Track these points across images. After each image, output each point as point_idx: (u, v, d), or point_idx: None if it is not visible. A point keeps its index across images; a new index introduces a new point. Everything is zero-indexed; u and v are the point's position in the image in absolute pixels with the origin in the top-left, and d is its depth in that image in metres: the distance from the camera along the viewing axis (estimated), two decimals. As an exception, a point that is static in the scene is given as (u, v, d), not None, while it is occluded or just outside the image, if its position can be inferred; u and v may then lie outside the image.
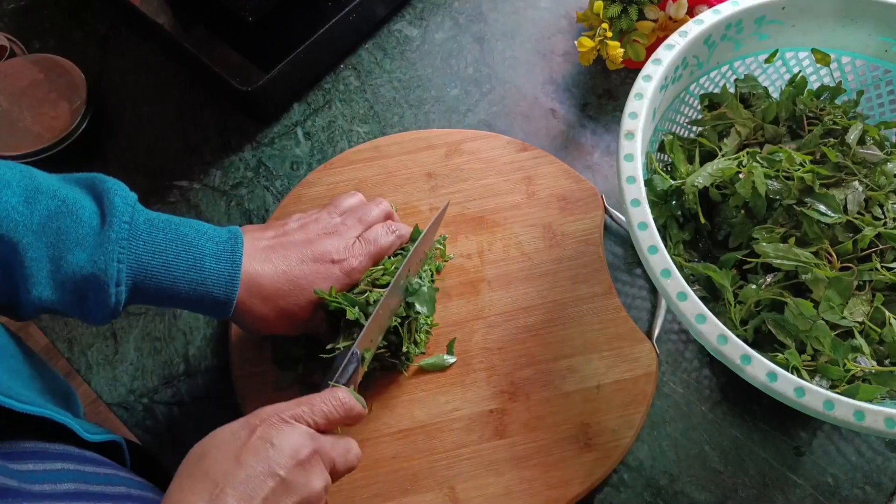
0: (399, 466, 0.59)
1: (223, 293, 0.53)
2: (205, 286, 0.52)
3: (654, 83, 0.56)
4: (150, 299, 0.52)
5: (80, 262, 0.48)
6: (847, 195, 0.57)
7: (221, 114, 0.76)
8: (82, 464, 0.48)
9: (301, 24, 0.73)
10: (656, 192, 0.59)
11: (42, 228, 0.48)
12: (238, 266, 0.53)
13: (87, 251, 0.49)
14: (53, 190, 0.49)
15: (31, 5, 0.82)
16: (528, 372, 0.62)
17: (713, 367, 0.64)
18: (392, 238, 0.61)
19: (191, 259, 0.52)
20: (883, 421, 0.45)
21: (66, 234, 0.48)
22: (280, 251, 0.56)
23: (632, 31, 0.73)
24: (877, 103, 0.65)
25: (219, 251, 0.53)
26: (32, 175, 0.50)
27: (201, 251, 0.52)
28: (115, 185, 0.51)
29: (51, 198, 0.49)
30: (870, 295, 0.55)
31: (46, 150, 0.69)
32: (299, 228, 0.59)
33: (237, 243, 0.54)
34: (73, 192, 0.50)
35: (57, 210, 0.49)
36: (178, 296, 0.52)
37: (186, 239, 0.52)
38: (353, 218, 0.60)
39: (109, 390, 0.64)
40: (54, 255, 0.48)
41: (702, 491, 0.61)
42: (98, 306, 0.50)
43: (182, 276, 0.51)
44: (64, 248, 0.48)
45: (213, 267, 0.52)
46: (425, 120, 0.76)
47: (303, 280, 0.56)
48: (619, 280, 0.67)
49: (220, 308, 0.54)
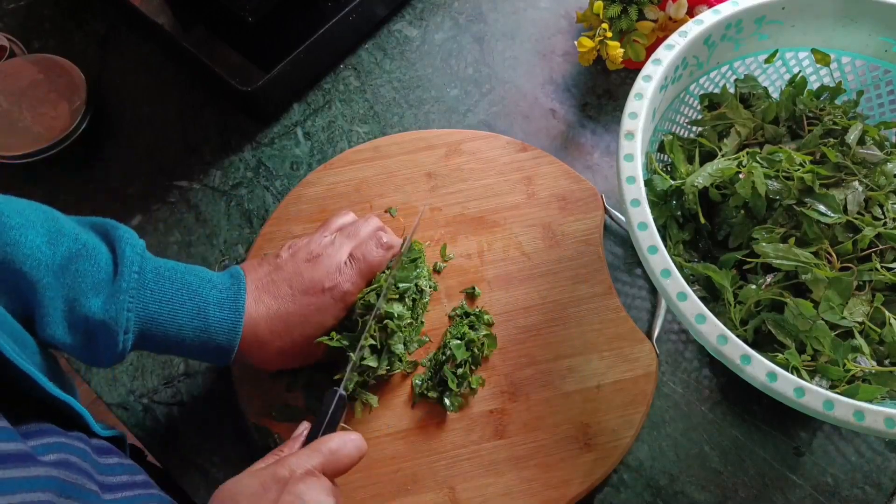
0: (399, 466, 0.59)
1: (226, 340, 0.54)
2: (208, 333, 0.53)
3: (654, 83, 0.56)
4: (155, 346, 0.53)
5: (93, 307, 0.50)
6: (847, 195, 0.57)
7: (221, 114, 0.76)
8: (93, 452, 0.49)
9: (301, 24, 0.73)
10: (656, 192, 0.59)
11: (62, 270, 0.50)
12: (241, 314, 0.54)
13: (102, 298, 0.50)
14: (75, 234, 0.51)
15: (31, 5, 0.82)
16: (528, 372, 0.62)
17: (713, 367, 0.64)
18: (382, 252, 0.60)
19: (195, 308, 0.53)
20: (883, 421, 0.45)
21: (84, 278, 0.50)
22: (271, 290, 0.56)
23: (632, 31, 0.73)
24: (877, 103, 0.65)
25: (222, 299, 0.54)
26: (55, 217, 0.51)
27: (206, 300, 0.53)
28: (126, 234, 0.53)
29: (73, 241, 0.50)
30: (870, 295, 0.55)
31: (46, 150, 0.69)
32: (290, 258, 0.58)
33: (240, 290, 0.55)
34: (91, 238, 0.52)
35: (77, 253, 0.50)
36: (182, 343, 0.53)
37: (191, 288, 0.53)
38: (342, 236, 0.60)
39: (109, 390, 0.64)
40: (70, 297, 0.50)
41: (702, 491, 0.61)
42: (105, 351, 0.51)
43: (187, 323, 0.53)
44: (80, 291, 0.50)
45: (216, 315, 0.53)
46: (425, 120, 0.76)
47: (295, 317, 0.56)
48: (619, 280, 0.67)
49: (222, 354, 0.54)
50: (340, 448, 0.49)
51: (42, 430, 0.45)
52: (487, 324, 0.63)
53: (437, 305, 0.65)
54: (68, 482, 0.42)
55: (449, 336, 0.62)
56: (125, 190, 0.73)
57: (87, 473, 0.45)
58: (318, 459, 0.48)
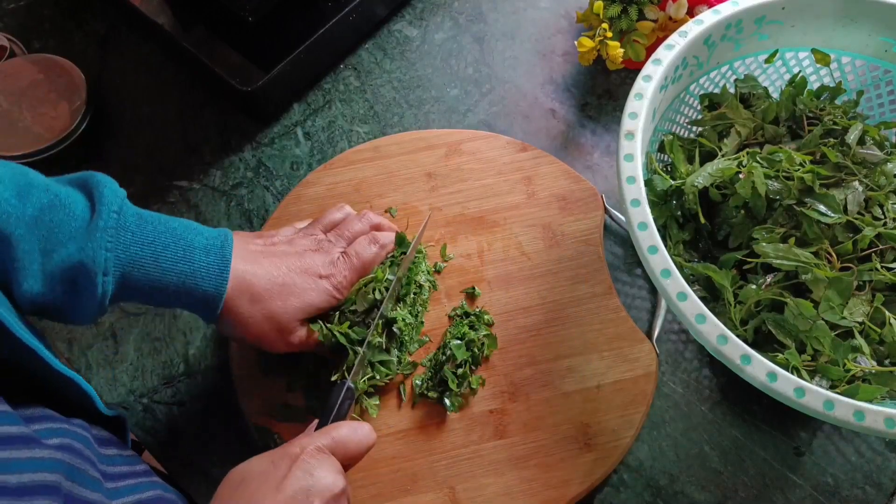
0: (399, 466, 0.59)
1: (213, 287, 0.53)
2: (194, 279, 0.52)
3: (654, 83, 0.56)
4: (138, 293, 0.52)
5: (69, 252, 0.48)
6: (847, 195, 0.57)
7: (221, 114, 0.76)
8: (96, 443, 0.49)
9: (301, 24, 0.73)
10: (656, 192, 0.59)
11: (35, 221, 0.48)
12: (228, 260, 0.53)
13: (78, 242, 0.49)
14: (45, 185, 0.49)
15: (31, 5, 0.82)
16: (528, 372, 0.62)
17: (713, 367, 0.64)
18: (375, 249, 0.60)
19: (180, 251, 0.52)
20: (883, 421, 0.45)
21: (59, 227, 0.48)
22: (270, 258, 0.56)
23: (632, 31, 0.73)
24: (877, 103, 0.65)
25: (208, 245, 0.53)
26: (24, 172, 0.50)
27: (191, 244, 0.52)
28: (104, 179, 0.51)
29: (43, 192, 0.49)
30: (870, 295, 0.55)
31: (46, 150, 0.69)
32: (287, 242, 0.59)
33: (227, 240, 0.54)
34: (65, 189, 0.50)
35: (50, 204, 0.49)
36: (166, 288, 0.52)
37: (176, 232, 0.52)
38: (335, 234, 0.61)
39: (109, 390, 0.64)
40: (46, 248, 0.48)
41: (702, 491, 0.61)
42: (85, 298, 0.49)
43: (171, 267, 0.51)
44: (56, 241, 0.48)
45: (202, 259, 0.52)
46: (425, 120, 0.76)
47: (293, 287, 0.56)
48: (619, 280, 0.67)
49: (208, 303, 0.53)
50: (350, 435, 0.49)
51: (44, 415, 0.45)
52: (487, 324, 0.64)
53: (437, 305, 0.65)
54: (74, 466, 0.42)
55: (449, 336, 0.62)
56: (125, 190, 0.72)
57: (90, 461, 0.45)
58: (328, 441, 0.48)
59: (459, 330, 0.62)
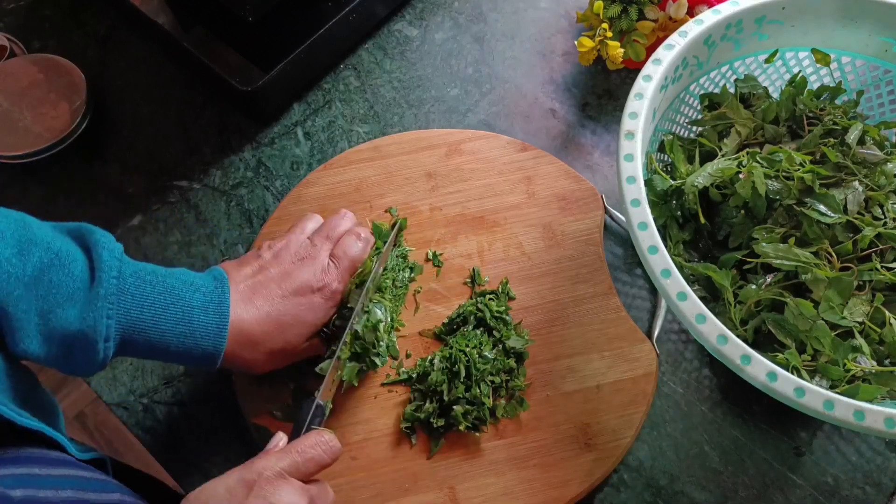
0: (399, 466, 0.59)
1: (212, 345, 0.53)
2: (194, 338, 0.52)
3: (654, 83, 0.56)
4: (137, 352, 0.52)
5: (69, 318, 0.48)
6: (847, 195, 0.57)
7: (221, 114, 0.76)
8: (79, 469, 0.48)
9: (301, 24, 0.73)
10: (656, 192, 0.59)
11: (34, 281, 0.48)
12: (226, 317, 0.53)
13: (78, 307, 0.48)
14: (47, 242, 0.49)
15: (31, 5, 0.82)
16: (529, 372, 0.62)
17: (713, 367, 0.64)
18: (361, 245, 0.60)
19: (179, 312, 0.52)
20: (883, 421, 0.45)
21: (58, 288, 0.48)
22: (261, 291, 0.56)
23: (632, 31, 0.73)
24: (877, 103, 0.65)
25: (206, 302, 0.53)
26: (27, 225, 0.49)
27: (189, 304, 0.52)
28: (102, 238, 0.51)
29: (44, 250, 0.48)
30: (870, 295, 0.55)
31: (46, 150, 0.69)
32: (273, 259, 0.58)
33: (224, 294, 0.54)
34: (65, 245, 0.50)
35: (49, 263, 0.48)
36: (166, 349, 0.52)
37: (174, 292, 0.52)
38: (320, 236, 0.60)
39: (109, 390, 0.64)
40: (44, 309, 0.48)
41: (702, 491, 0.61)
42: (85, 361, 0.49)
43: (171, 329, 0.51)
44: (54, 302, 0.48)
45: (201, 319, 0.52)
46: (425, 120, 0.76)
47: (287, 318, 0.56)
48: (619, 280, 0.67)
49: (208, 359, 0.53)
50: (311, 447, 0.49)
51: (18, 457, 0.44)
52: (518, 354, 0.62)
53: (436, 306, 0.65)
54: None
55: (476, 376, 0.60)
56: (125, 190, 0.73)
57: None
58: (287, 461, 0.47)
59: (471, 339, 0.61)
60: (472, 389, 0.59)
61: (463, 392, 0.59)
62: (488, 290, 0.65)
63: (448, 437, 0.60)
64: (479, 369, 0.59)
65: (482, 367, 0.59)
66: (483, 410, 0.59)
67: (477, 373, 0.59)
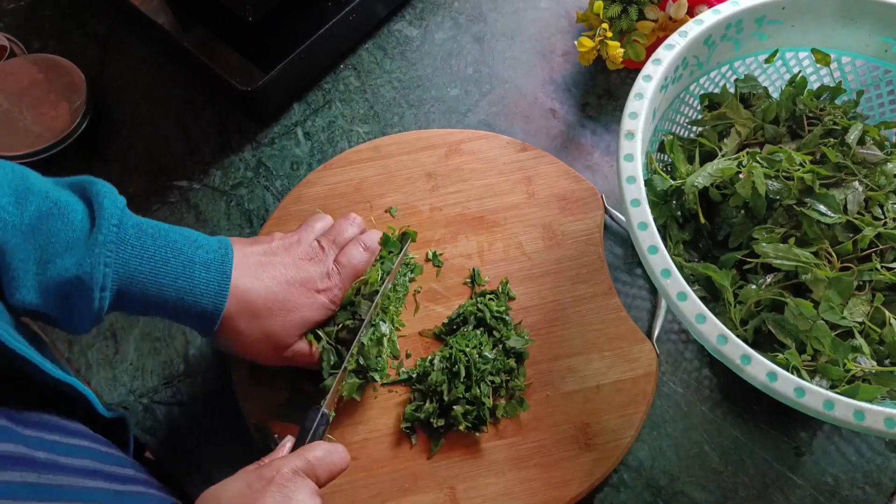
0: (399, 466, 0.59)
1: (211, 303, 0.52)
2: (193, 295, 0.51)
3: (654, 83, 0.56)
4: (134, 306, 0.51)
5: (67, 265, 0.47)
6: (847, 195, 0.57)
7: (221, 114, 0.76)
8: (95, 443, 0.49)
9: (301, 24, 0.73)
10: (656, 192, 0.59)
11: (32, 230, 0.47)
12: (228, 277, 0.53)
13: (76, 255, 0.47)
14: (45, 192, 0.48)
15: (31, 5, 0.82)
16: (529, 372, 0.62)
17: (713, 367, 0.64)
18: (366, 255, 0.61)
19: (180, 266, 0.51)
20: (883, 421, 0.45)
21: (56, 237, 0.47)
22: (269, 270, 0.56)
23: (632, 31, 0.73)
24: (877, 103, 0.65)
25: (209, 260, 0.52)
26: (25, 175, 0.49)
27: (191, 259, 0.51)
28: (104, 188, 0.50)
29: (42, 199, 0.48)
30: (870, 295, 0.55)
31: (46, 150, 0.69)
32: (284, 250, 0.58)
33: (227, 254, 0.53)
34: (64, 195, 0.49)
35: (48, 212, 0.47)
36: (164, 304, 0.51)
37: (176, 246, 0.51)
38: (327, 240, 0.60)
39: (109, 390, 0.64)
40: (42, 258, 0.47)
41: (702, 491, 0.61)
42: (80, 312, 0.48)
43: (170, 283, 0.50)
44: (53, 251, 0.47)
45: (202, 276, 0.51)
46: (425, 120, 0.76)
47: (291, 303, 0.56)
48: (619, 280, 0.67)
49: (206, 320, 0.53)
50: (325, 457, 0.49)
51: (41, 421, 0.44)
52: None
53: (436, 306, 0.65)
54: None
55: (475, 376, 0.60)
56: (125, 190, 0.71)
57: None
58: (303, 462, 0.48)
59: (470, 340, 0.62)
60: (472, 389, 0.59)
61: (463, 392, 0.59)
62: (488, 290, 0.65)
63: (448, 437, 0.60)
64: (479, 369, 0.59)
65: (482, 367, 0.59)
66: (483, 410, 0.59)
67: (477, 373, 0.59)
